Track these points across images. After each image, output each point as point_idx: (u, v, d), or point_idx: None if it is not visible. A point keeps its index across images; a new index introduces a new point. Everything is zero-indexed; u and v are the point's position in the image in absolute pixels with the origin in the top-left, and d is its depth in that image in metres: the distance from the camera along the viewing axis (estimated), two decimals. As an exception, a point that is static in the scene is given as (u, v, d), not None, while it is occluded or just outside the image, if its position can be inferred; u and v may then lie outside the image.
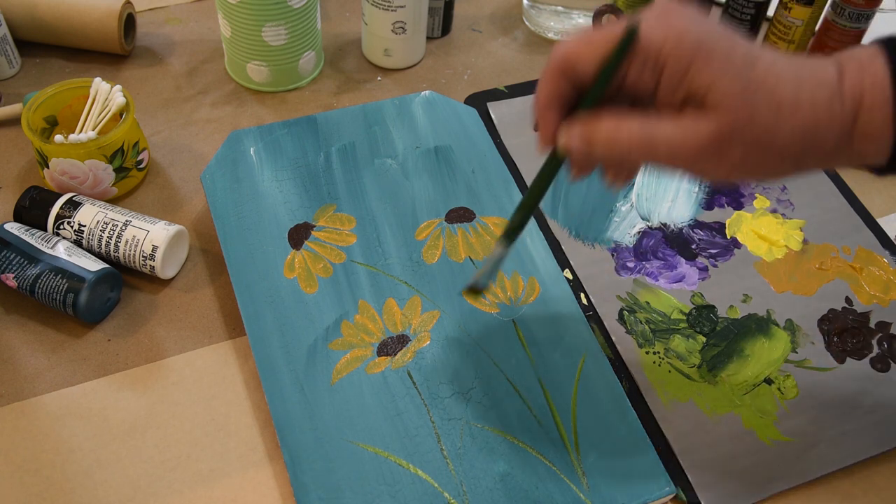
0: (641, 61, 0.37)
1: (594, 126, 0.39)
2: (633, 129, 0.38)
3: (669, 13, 0.37)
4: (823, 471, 0.52)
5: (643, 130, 0.38)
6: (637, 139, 0.38)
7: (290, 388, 0.52)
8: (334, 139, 0.65)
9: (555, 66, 0.39)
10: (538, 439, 0.51)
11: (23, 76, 0.74)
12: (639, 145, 0.38)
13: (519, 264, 0.59)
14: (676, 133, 0.37)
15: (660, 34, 0.37)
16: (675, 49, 0.36)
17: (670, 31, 0.37)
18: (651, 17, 0.37)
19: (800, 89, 0.37)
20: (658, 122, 0.38)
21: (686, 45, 0.36)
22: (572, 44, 0.39)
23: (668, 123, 0.38)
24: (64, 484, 0.50)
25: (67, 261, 0.55)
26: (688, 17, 0.37)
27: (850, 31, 0.78)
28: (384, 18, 0.73)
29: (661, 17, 0.37)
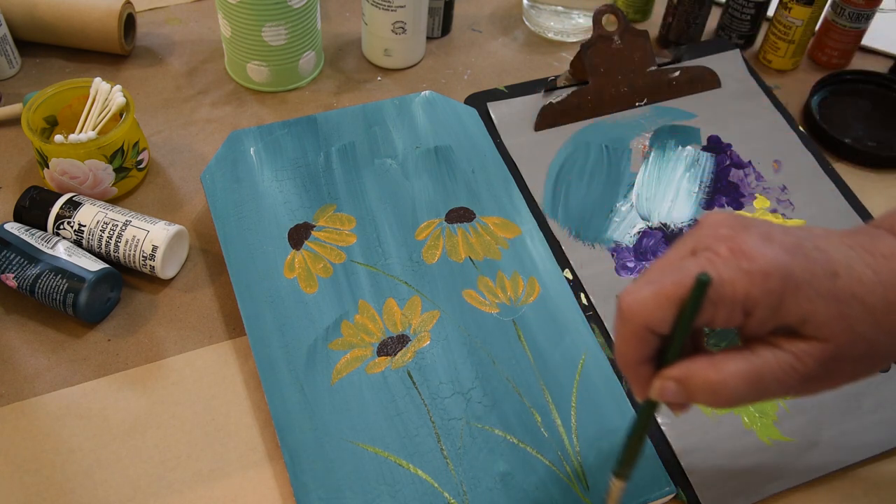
0: (728, 308, 0.35)
1: (691, 376, 0.37)
2: (736, 373, 0.36)
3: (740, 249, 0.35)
4: (823, 471, 0.52)
5: (748, 371, 0.36)
6: (743, 381, 0.36)
7: (290, 388, 0.52)
8: (334, 139, 0.65)
9: (632, 332, 0.37)
10: (538, 439, 0.51)
11: (23, 76, 0.74)
12: (746, 387, 0.36)
13: (519, 264, 0.59)
14: (782, 367, 0.36)
15: (743, 282, 0.34)
16: (764, 293, 0.34)
17: (753, 276, 0.34)
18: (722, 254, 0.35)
19: (885, 289, 0.36)
20: (758, 357, 0.36)
21: (773, 284, 0.34)
22: (644, 306, 0.36)
23: (771, 357, 0.36)
24: (64, 484, 0.50)
25: (67, 261, 0.55)
26: (758, 246, 0.35)
27: (850, 31, 0.78)
28: (384, 18, 0.73)
29: (734, 256, 0.35)
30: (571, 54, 0.80)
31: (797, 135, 0.71)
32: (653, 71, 0.71)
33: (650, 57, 0.71)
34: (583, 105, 0.70)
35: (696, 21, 0.79)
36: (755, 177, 0.67)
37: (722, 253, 0.35)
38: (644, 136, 0.69)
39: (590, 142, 0.68)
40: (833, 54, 0.80)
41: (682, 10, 0.78)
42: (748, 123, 0.71)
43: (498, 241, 0.60)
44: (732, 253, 0.35)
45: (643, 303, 0.35)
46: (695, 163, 0.68)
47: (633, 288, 0.36)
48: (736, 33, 0.81)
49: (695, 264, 0.35)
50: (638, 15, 0.85)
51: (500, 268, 0.59)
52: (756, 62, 0.81)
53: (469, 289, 0.58)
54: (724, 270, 0.34)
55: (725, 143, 0.69)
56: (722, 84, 0.73)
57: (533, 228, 0.61)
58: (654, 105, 0.72)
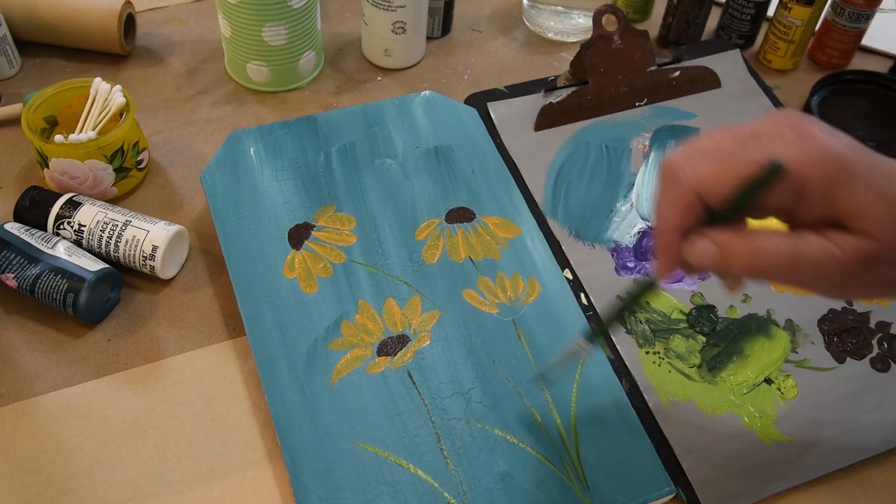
0: (785, 187, 0.35)
1: (732, 242, 0.37)
2: (778, 245, 0.36)
3: (805, 132, 0.35)
4: (823, 471, 0.52)
5: (788, 247, 0.36)
6: (782, 255, 0.36)
7: (290, 388, 0.52)
8: (334, 139, 0.65)
9: (684, 198, 0.36)
10: (538, 439, 0.51)
11: (23, 76, 0.74)
12: (784, 262, 0.36)
13: (519, 264, 0.59)
14: (823, 252, 0.36)
15: (799, 158, 0.34)
16: (819, 175, 0.34)
17: (811, 156, 0.34)
18: (786, 136, 0.35)
19: None
20: (802, 240, 0.36)
21: (829, 169, 0.34)
22: (704, 174, 0.35)
23: (814, 243, 0.36)
24: (64, 484, 0.50)
25: (67, 261, 0.55)
26: (823, 134, 0.35)
27: (850, 31, 0.78)
28: (384, 18, 0.73)
29: (799, 138, 0.35)
30: (571, 54, 0.80)
31: (797, 135, 0.71)
32: (653, 71, 0.72)
33: (650, 57, 0.71)
34: (583, 105, 0.70)
35: (696, 21, 0.79)
36: (755, 177, 0.67)
37: (788, 136, 0.35)
38: (644, 136, 0.69)
39: (590, 142, 0.68)
40: (833, 54, 0.80)
41: (682, 10, 0.78)
42: (748, 123, 0.71)
43: (498, 241, 0.60)
44: (797, 135, 0.35)
45: (702, 172, 0.35)
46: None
47: (687, 156, 0.36)
48: (736, 33, 0.81)
49: (760, 148, 0.35)
50: (638, 15, 0.85)
51: (500, 268, 0.59)
52: (756, 62, 0.82)
53: (469, 289, 0.58)
54: (785, 149, 0.35)
55: (725, 143, 0.69)
56: (722, 84, 0.73)
57: (533, 228, 0.61)
58: (654, 105, 0.72)
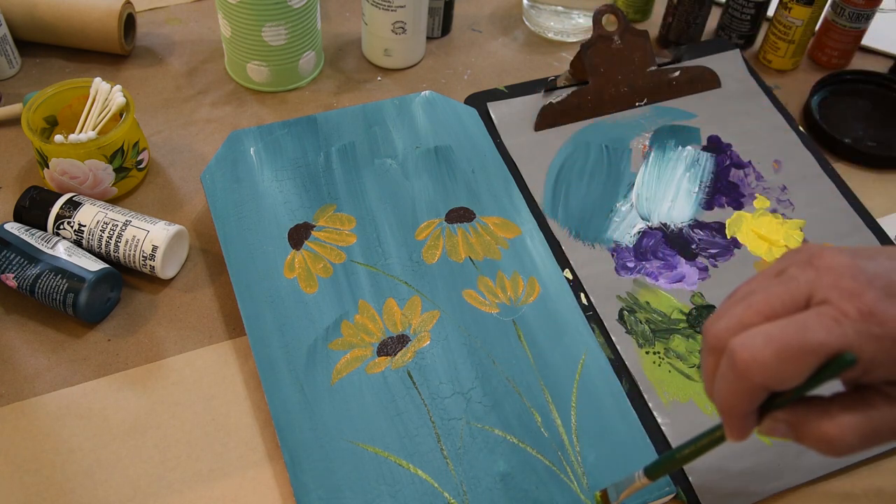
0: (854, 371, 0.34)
1: (804, 425, 0.36)
2: (854, 425, 0.35)
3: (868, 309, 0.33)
4: (823, 471, 0.52)
5: (866, 424, 0.35)
6: (862, 435, 0.35)
7: (290, 388, 0.52)
8: (334, 139, 0.65)
9: (752, 389, 0.34)
10: (538, 439, 0.51)
11: (23, 76, 0.74)
12: (861, 440, 0.35)
13: (519, 264, 0.59)
14: None
15: (872, 347, 0.33)
16: (889, 359, 0.33)
17: (883, 342, 0.33)
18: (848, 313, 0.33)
19: None
20: (874, 409, 0.35)
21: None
22: (769, 366, 0.33)
23: (885, 408, 0.35)
24: (64, 484, 0.50)
25: (67, 261, 0.55)
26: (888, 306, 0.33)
27: (850, 31, 0.78)
28: (384, 18, 0.73)
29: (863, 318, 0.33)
30: (571, 54, 0.80)
31: (797, 135, 0.71)
32: (653, 71, 0.71)
33: (650, 57, 0.71)
34: (583, 105, 0.70)
35: (696, 21, 0.79)
36: (755, 177, 0.67)
37: (850, 314, 0.33)
38: (644, 136, 0.69)
39: (590, 142, 0.68)
40: (833, 54, 0.80)
41: (682, 10, 0.78)
42: (748, 123, 0.71)
43: (498, 241, 0.60)
44: (861, 315, 0.33)
45: (764, 363, 0.33)
46: (695, 163, 0.68)
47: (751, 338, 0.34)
48: (736, 33, 0.81)
49: (821, 326, 0.33)
50: (638, 15, 0.85)
51: (500, 268, 0.59)
52: (756, 62, 0.82)
53: (469, 289, 0.58)
54: (853, 334, 0.33)
55: (725, 143, 0.69)
56: (722, 84, 0.73)
57: (533, 228, 0.61)
58: (654, 105, 0.72)
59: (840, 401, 0.36)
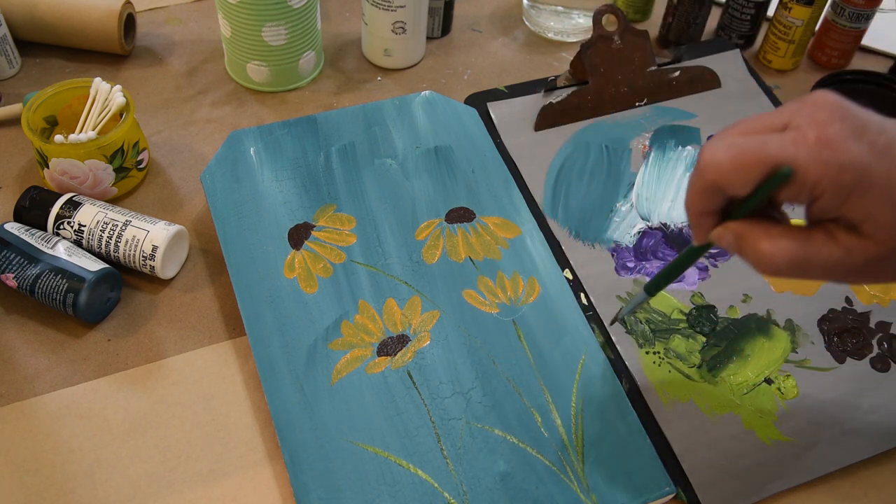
0: (797, 190, 0.36)
1: (746, 238, 0.39)
2: (787, 249, 0.38)
3: (827, 139, 0.35)
4: (823, 471, 0.52)
5: (798, 252, 0.38)
6: (790, 260, 0.38)
7: (290, 388, 0.52)
8: (334, 139, 0.65)
9: (706, 187, 0.38)
10: (538, 439, 0.51)
11: (23, 76, 0.74)
12: (792, 265, 0.38)
13: (519, 264, 0.59)
14: (832, 255, 0.37)
15: (818, 170, 0.35)
16: (833, 185, 0.35)
17: (828, 167, 0.35)
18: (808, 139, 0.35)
19: None
20: (810, 243, 0.38)
21: (844, 179, 0.35)
22: (723, 166, 0.37)
23: (822, 245, 0.38)
24: (64, 484, 0.50)
25: (67, 261, 0.55)
26: (845, 140, 0.35)
27: (850, 31, 0.78)
28: (384, 18, 0.73)
29: (819, 145, 0.35)
30: (571, 54, 0.80)
31: (797, 135, 0.71)
32: (653, 71, 0.72)
33: (650, 57, 0.71)
34: (583, 105, 0.70)
35: (696, 21, 0.79)
36: (755, 177, 0.67)
37: (809, 138, 0.35)
38: (644, 136, 0.69)
39: (590, 142, 0.68)
40: (833, 54, 0.80)
41: (682, 10, 0.78)
42: (748, 123, 0.71)
43: (498, 241, 0.60)
44: (818, 141, 0.35)
45: (719, 163, 0.37)
46: (695, 163, 0.68)
47: (716, 143, 0.37)
48: (736, 33, 0.81)
49: (779, 143, 0.36)
50: (638, 15, 0.85)
51: (500, 268, 0.59)
52: (756, 62, 0.82)
53: (469, 289, 0.58)
54: (804, 155, 0.35)
55: (725, 143, 0.69)
56: (722, 84, 0.73)
57: (533, 228, 0.61)
58: (654, 105, 0.72)
59: (785, 227, 0.39)
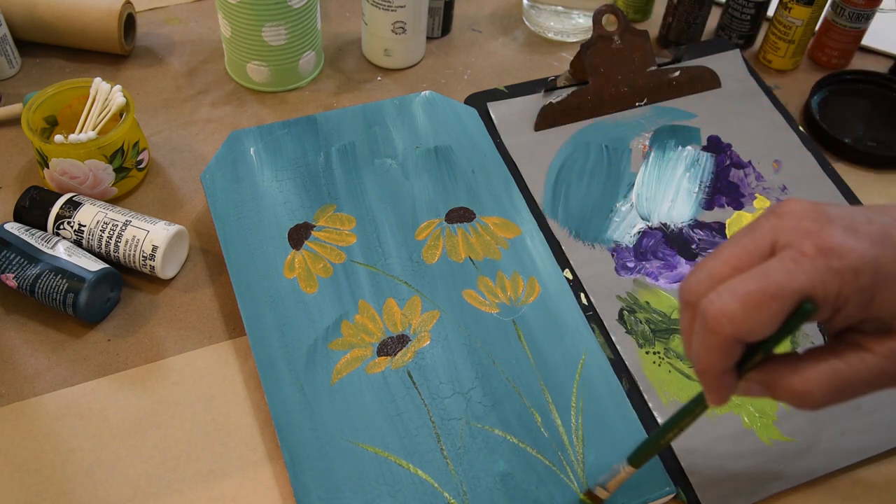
0: (820, 312, 0.34)
1: (776, 383, 0.36)
2: (823, 380, 0.35)
3: (828, 246, 0.33)
4: (823, 471, 0.52)
5: (834, 379, 0.35)
6: (830, 389, 0.35)
7: (290, 388, 0.52)
8: (334, 139, 0.65)
9: (724, 344, 0.35)
10: (538, 439, 0.51)
11: (23, 76, 0.74)
12: (831, 394, 0.35)
13: (519, 264, 0.59)
14: (871, 368, 0.35)
15: (835, 283, 0.33)
16: (855, 291, 0.33)
17: (844, 275, 0.33)
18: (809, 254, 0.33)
19: None
20: (844, 364, 0.35)
21: (864, 281, 0.33)
22: (737, 317, 0.33)
23: (857, 362, 0.35)
24: (64, 484, 0.50)
25: (67, 261, 0.55)
26: (846, 241, 0.33)
27: (850, 31, 0.78)
28: (384, 18, 0.73)
29: (823, 256, 0.33)
30: (571, 54, 0.80)
31: (797, 135, 0.71)
32: (653, 71, 0.71)
33: (650, 57, 0.71)
34: (583, 105, 0.70)
35: (696, 21, 0.79)
36: (755, 177, 0.67)
37: (808, 252, 0.33)
38: (644, 136, 0.69)
39: (590, 142, 0.68)
40: (833, 54, 0.80)
41: (682, 10, 0.78)
42: (748, 123, 0.71)
43: (498, 241, 0.60)
44: (819, 251, 0.33)
45: (732, 315, 0.33)
46: (695, 163, 0.68)
47: (717, 296, 0.34)
48: (736, 33, 0.81)
49: (782, 270, 0.33)
50: (638, 15, 0.85)
51: (500, 268, 0.59)
52: (756, 62, 0.82)
53: (469, 289, 0.58)
54: (814, 273, 0.33)
55: (725, 143, 0.69)
56: (722, 84, 0.73)
57: (533, 228, 0.61)
58: (654, 105, 0.72)
59: (810, 355, 0.36)
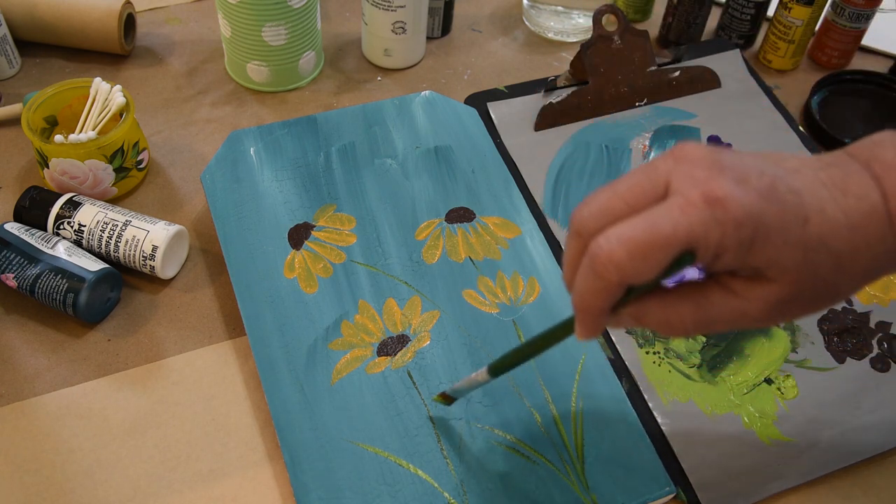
0: (700, 259, 0.35)
1: (644, 315, 0.37)
2: (688, 314, 0.37)
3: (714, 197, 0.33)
4: (823, 471, 0.52)
5: (699, 314, 0.37)
6: (694, 323, 0.37)
7: (290, 388, 0.52)
8: (334, 139, 0.65)
9: (607, 288, 0.35)
10: (538, 439, 0.51)
11: (23, 76, 0.74)
12: (695, 326, 0.37)
13: (519, 264, 0.59)
14: (734, 309, 0.36)
15: (716, 233, 0.33)
16: (735, 242, 0.34)
17: (726, 226, 0.33)
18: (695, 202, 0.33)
19: (853, 232, 0.35)
20: (709, 302, 0.37)
21: (744, 234, 0.34)
22: (622, 263, 0.34)
23: (722, 302, 0.36)
24: (64, 484, 0.50)
25: (67, 261, 0.55)
26: (733, 191, 0.33)
27: (850, 31, 0.78)
28: (384, 18, 0.73)
29: (709, 206, 0.33)
30: (571, 54, 0.80)
31: (797, 135, 0.71)
32: (653, 71, 0.72)
33: (650, 57, 0.71)
34: (583, 105, 0.70)
35: (696, 21, 0.79)
36: (755, 177, 0.67)
37: (695, 200, 0.34)
38: (644, 136, 0.69)
39: (590, 142, 0.68)
40: (833, 54, 0.80)
41: (682, 10, 0.78)
42: (748, 123, 0.71)
43: (498, 241, 0.60)
44: (706, 201, 0.34)
45: (618, 261, 0.34)
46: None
47: (606, 241, 0.35)
48: (736, 33, 0.81)
49: (669, 218, 0.34)
50: (638, 15, 0.85)
51: (500, 268, 0.59)
52: (756, 62, 0.82)
53: (469, 289, 0.58)
54: (698, 222, 0.34)
55: (725, 143, 0.69)
56: (722, 84, 0.73)
57: (533, 228, 0.61)
58: (654, 105, 0.72)
59: (678, 291, 0.37)
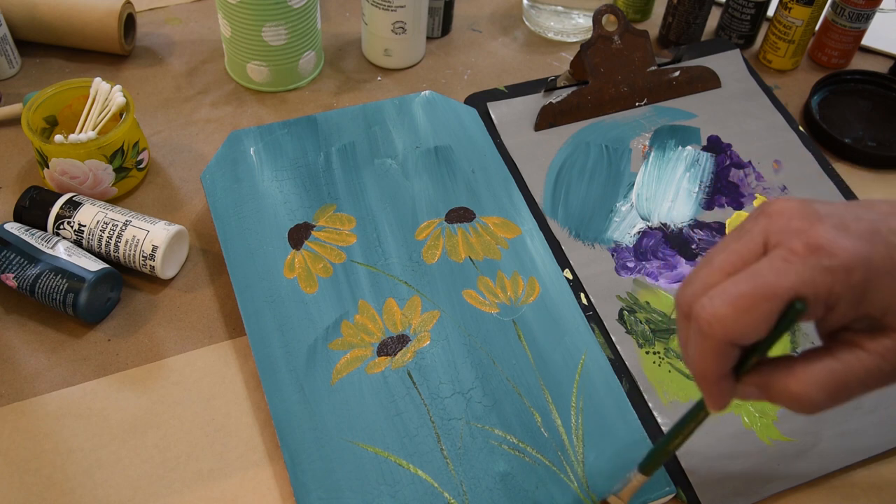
0: (812, 311, 0.34)
1: (772, 386, 0.36)
2: (820, 382, 0.35)
3: (817, 245, 0.32)
4: (823, 471, 0.52)
5: (831, 380, 0.35)
6: (827, 391, 0.35)
7: (290, 388, 0.52)
8: (334, 139, 0.65)
9: (717, 348, 0.34)
10: (538, 439, 0.51)
11: (23, 76, 0.74)
12: (827, 395, 0.35)
13: (519, 264, 0.59)
14: (868, 367, 0.35)
15: (826, 281, 0.32)
16: (847, 289, 0.33)
17: (835, 273, 0.32)
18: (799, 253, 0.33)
19: None
20: (840, 364, 0.35)
21: (855, 279, 0.33)
22: (727, 319, 0.33)
23: (853, 361, 0.35)
24: (64, 484, 0.50)
25: (67, 261, 0.55)
26: (836, 238, 0.33)
27: (850, 31, 0.78)
28: (384, 18, 0.73)
29: (813, 254, 0.32)
30: (571, 54, 0.80)
31: (797, 135, 0.71)
32: (653, 71, 0.72)
33: (650, 57, 0.71)
34: (583, 105, 0.70)
35: (696, 21, 0.79)
36: (755, 177, 0.67)
37: (798, 250, 0.33)
38: (644, 136, 0.69)
39: (590, 142, 0.68)
40: (833, 54, 0.80)
41: (682, 10, 0.78)
42: (748, 123, 0.71)
43: (498, 241, 0.60)
44: (810, 250, 0.33)
45: (723, 318, 0.33)
46: (695, 163, 0.68)
47: (709, 301, 0.34)
48: (736, 33, 0.81)
49: (772, 269, 0.33)
50: (638, 15, 0.85)
51: (500, 268, 0.59)
52: (756, 62, 0.82)
53: (469, 289, 0.58)
54: (804, 268, 0.32)
55: (725, 143, 0.69)
56: (722, 84, 0.73)
57: (533, 228, 0.61)
58: (654, 105, 0.72)
59: (805, 356, 0.36)
